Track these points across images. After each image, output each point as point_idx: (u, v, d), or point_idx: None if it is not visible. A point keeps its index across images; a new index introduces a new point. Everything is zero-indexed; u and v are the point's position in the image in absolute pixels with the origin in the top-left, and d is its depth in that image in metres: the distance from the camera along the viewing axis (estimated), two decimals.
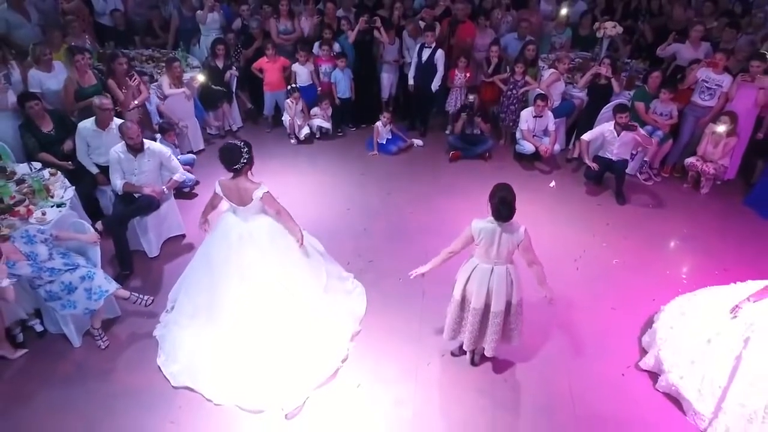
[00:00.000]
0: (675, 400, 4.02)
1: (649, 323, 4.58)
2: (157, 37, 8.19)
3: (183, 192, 6.18)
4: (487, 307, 3.86)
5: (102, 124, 5.08)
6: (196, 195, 6.33)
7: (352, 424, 3.83)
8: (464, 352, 4.28)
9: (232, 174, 3.94)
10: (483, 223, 3.68)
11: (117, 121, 5.11)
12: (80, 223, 4.41)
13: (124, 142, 4.82)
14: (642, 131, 6.09)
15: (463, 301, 3.95)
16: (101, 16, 8.09)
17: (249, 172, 4.00)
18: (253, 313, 4.06)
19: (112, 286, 4.16)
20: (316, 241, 4.63)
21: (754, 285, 4.02)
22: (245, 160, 3.89)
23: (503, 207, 3.55)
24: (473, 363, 4.29)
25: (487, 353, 4.09)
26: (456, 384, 4.15)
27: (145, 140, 4.95)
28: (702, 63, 6.40)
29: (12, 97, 5.42)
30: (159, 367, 4.16)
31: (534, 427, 3.85)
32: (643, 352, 4.36)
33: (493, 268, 3.77)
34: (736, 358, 3.67)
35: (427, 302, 4.84)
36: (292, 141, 7.36)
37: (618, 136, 6.09)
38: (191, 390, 4.00)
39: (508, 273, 3.80)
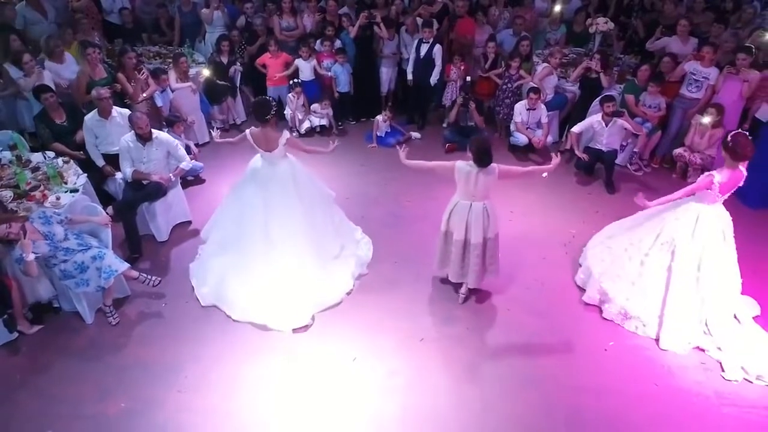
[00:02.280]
0: (655, 369, 4.29)
1: (576, 264, 5.25)
2: (164, 35, 8.46)
3: (188, 180, 6.45)
4: (467, 240, 4.45)
5: (104, 113, 5.41)
6: (203, 180, 6.62)
7: (348, 391, 4.08)
8: (452, 283, 4.90)
9: (261, 125, 4.60)
10: (465, 165, 4.26)
11: (118, 109, 5.37)
12: (93, 207, 4.68)
13: (133, 131, 5.09)
14: (629, 118, 6.33)
15: (447, 235, 4.56)
16: (110, 14, 8.35)
17: (275, 124, 4.67)
18: (273, 242, 4.69)
19: (122, 266, 4.41)
20: (331, 191, 5.28)
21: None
22: (273, 112, 4.56)
23: (483, 155, 4.16)
24: (461, 301, 4.86)
25: (471, 285, 4.72)
26: (447, 358, 4.38)
27: (153, 130, 5.22)
28: (689, 56, 6.62)
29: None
30: (192, 288, 4.91)
31: (521, 396, 4.08)
32: (581, 290, 4.97)
33: (471, 205, 4.37)
34: (667, 269, 4.40)
35: (421, 285, 5.09)
36: (294, 134, 7.59)
37: (606, 126, 6.32)
38: (217, 308, 4.74)
39: (485, 209, 4.39)
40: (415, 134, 7.69)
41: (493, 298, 4.97)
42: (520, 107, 6.92)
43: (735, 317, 4.61)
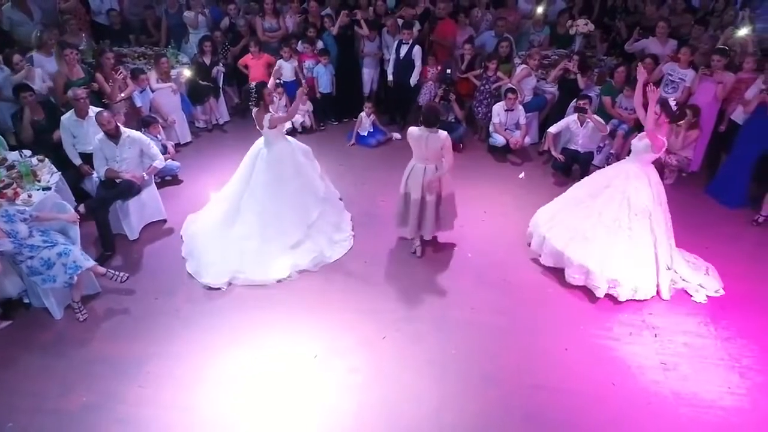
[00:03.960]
0: (614, 369, 4.32)
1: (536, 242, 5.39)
2: (151, 36, 8.54)
3: (165, 180, 6.52)
4: (423, 198, 4.98)
5: (80, 113, 5.50)
6: (181, 180, 6.68)
7: (307, 388, 4.13)
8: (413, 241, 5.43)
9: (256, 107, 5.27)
10: (416, 129, 4.84)
11: (95, 109, 5.45)
12: (61, 204, 4.74)
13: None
14: (597, 117, 6.41)
15: (406, 196, 5.08)
16: (98, 15, 8.46)
17: (265, 105, 5.19)
18: (241, 211, 5.29)
19: (88, 263, 4.48)
20: (321, 188, 5.61)
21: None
22: (255, 97, 5.32)
23: (430, 115, 4.73)
24: (417, 254, 5.41)
25: (426, 236, 5.30)
26: (408, 355, 4.42)
27: (124, 129, 5.30)
28: (666, 57, 6.63)
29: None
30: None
31: (479, 394, 4.11)
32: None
33: (425, 167, 4.93)
34: (651, 233, 4.85)
35: (389, 283, 5.14)
36: None
37: (581, 127, 6.34)
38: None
39: (437, 171, 4.92)
40: (396, 135, 7.72)
41: (459, 297, 5.00)
42: (498, 108, 6.95)
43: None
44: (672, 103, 4.81)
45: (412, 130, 4.88)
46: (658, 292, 4.97)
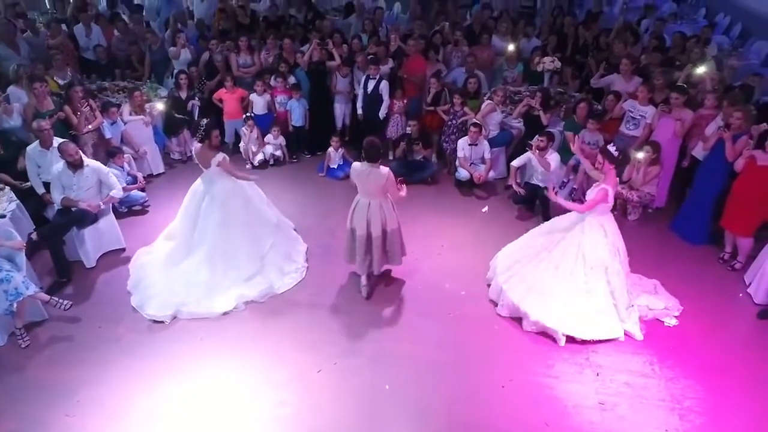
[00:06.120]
0: (551, 408, 4.22)
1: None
2: (136, 70, 8.84)
3: (133, 210, 6.65)
4: (369, 234, 4.95)
5: (45, 144, 5.65)
6: (147, 211, 6.78)
7: (232, 420, 4.10)
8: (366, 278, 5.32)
9: (200, 143, 5.18)
10: (359, 165, 4.86)
11: (59, 140, 5.62)
12: (8, 232, 4.83)
13: (64, 159, 5.31)
14: (549, 156, 6.42)
15: (352, 231, 5.08)
16: (86, 51, 8.81)
17: (210, 145, 5.16)
18: (193, 245, 5.35)
19: (29, 291, 4.54)
20: (274, 217, 5.76)
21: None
22: (202, 133, 5.10)
23: (370, 150, 4.74)
24: (364, 294, 5.30)
25: (375, 271, 5.24)
26: (340, 389, 4.38)
27: (85, 158, 5.44)
28: (624, 95, 6.68)
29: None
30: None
31: (405, 430, 4.04)
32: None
33: (369, 202, 4.91)
34: (608, 285, 4.78)
35: (334, 316, 5.14)
36: (248, 166, 7.79)
37: None
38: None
39: (381, 206, 4.93)
40: None
41: (401, 331, 4.97)
42: (462, 143, 7.01)
43: None
44: (612, 148, 4.78)
45: (355, 165, 4.92)
46: (629, 338, 4.86)
